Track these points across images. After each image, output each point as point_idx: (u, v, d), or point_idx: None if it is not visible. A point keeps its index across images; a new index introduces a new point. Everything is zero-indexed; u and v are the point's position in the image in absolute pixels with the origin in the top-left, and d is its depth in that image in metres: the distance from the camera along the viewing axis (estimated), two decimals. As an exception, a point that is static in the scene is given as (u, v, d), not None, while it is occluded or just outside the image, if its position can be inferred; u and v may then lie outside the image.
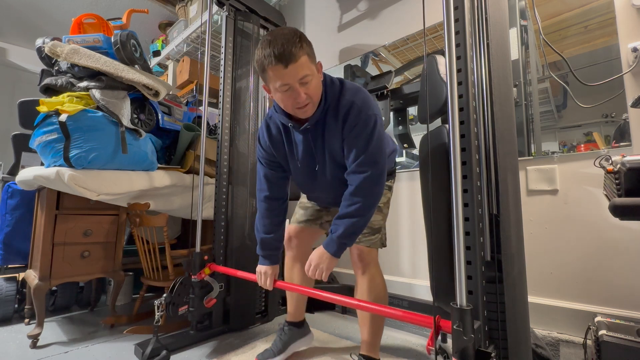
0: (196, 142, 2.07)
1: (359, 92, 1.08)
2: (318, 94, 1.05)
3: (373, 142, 1.04)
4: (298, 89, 0.98)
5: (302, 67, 0.96)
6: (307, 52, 0.98)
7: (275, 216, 1.27)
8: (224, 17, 1.90)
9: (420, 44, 2.04)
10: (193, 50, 3.17)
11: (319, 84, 1.05)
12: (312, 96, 1.02)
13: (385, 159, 1.07)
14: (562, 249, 1.44)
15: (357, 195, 1.04)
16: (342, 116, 1.05)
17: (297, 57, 0.95)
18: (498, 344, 0.86)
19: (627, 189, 0.81)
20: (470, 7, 0.94)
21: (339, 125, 1.07)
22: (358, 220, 1.04)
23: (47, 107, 1.58)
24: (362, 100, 1.05)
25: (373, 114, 1.05)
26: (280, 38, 0.95)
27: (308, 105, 1.03)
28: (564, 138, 1.50)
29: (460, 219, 0.76)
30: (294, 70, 0.95)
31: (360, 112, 1.04)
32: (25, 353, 1.49)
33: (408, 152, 2.09)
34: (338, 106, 1.06)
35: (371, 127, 1.03)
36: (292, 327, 1.42)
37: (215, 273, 1.54)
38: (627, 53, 1.33)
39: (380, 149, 1.05)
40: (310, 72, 0.99)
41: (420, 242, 1.89)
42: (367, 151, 1.03)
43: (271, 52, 0.94)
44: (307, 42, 0.99)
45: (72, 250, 1.69)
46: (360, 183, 1.04)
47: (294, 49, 0.94)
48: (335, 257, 1.06)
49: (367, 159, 1.04)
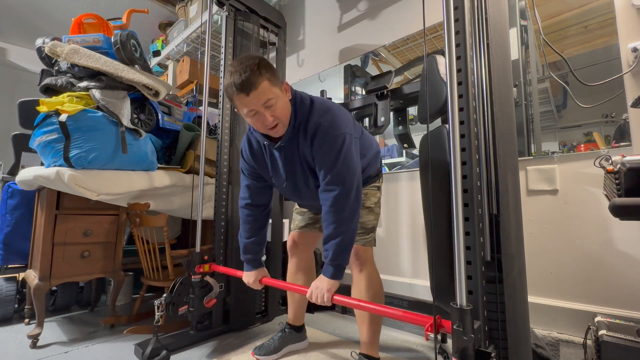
0: (196, 142, 2.07)
1: (326, 113, 1.10)
2: (286, 114, 1.09)
3: (340, 161, 1.06)
4: (264, 112, 1.04)
5: (264, 93, 1.02)
6: (268, 77, 1.02)
7: (256, 221, 1.32)
8: (224, 17, 1.90)
9: (420, 44, 2.04)
10: (193, 50, 3.17)
11: (286, 104, 1.09)
12: (280, 117, 1.07)
13: (353, 176, 1.08)
14: (562, 249, 1.44)
15: (331, 214, 1.06)
16: (310, 136, 1.09)
17: (257, 84, 1.00)
18: (498, 344, 0.86)
19: (627, 189, 0.81)
20: (470, 7, 0.94)
21: (307, 144, 1.10)
22: (342, 239, 1.05)
23: (47, 107, 1.58)
24: (328, 122, 1.08)
25: (341, 134, 1.07)
26: (241, 68, 1.01)
27: (277, 126, 1.08)
28: (564, 138, 1.50)
29: (460, 219, 0.76)
30: (256, 96, 1.01)
31: (326, 134, 1.07)
32: (25, 353, 1.49)
33: (408, 152, 2.08)
34: (307, 126, 1.10)
35: (338, 147, 1.06)
36: (292, 330, 1.49)
37: (215, 273, 1.54)
38: (627, 53, 1.33)
39: (348, 167, 1.07)
40: (274, 96, 1.04)
41: (420, 242, 1.89)
42: (334, 170, 1.06)
43: (233, 82, 1.01)
44: (266, 68, 1.03)
45: (72, 250, 1.69)
46: (331, 203, 1.06)
47: (253, 77, 1.00)
48: (333, 280, 1.07)
49: (335, 178, 1.06)
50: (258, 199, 1.32)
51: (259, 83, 1.00)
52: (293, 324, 1.50)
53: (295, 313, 1.50)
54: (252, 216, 1.32)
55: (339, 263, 1.06)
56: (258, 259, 1.33)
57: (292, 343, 1.48)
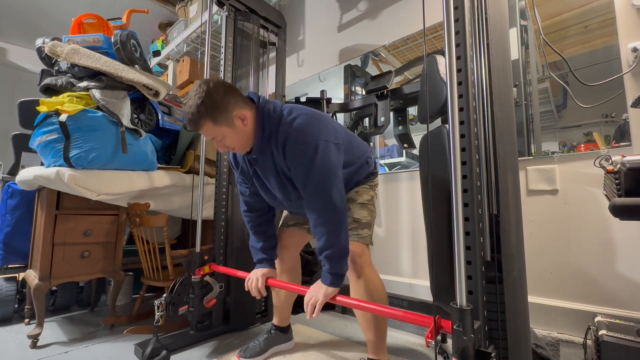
0: (196, 142, 2.07)
1: (294, 121, 1.08)
2: (240, 143, 1.12)
3: (315, 170, 1.04)
4: (216, 142, 1.11)
5: (207, 132, 1.07)
6: (211, 117, 1.04)
7: (258, 226, 1.33)
8: (224, 17, 1.90)
9: (420, 44, 2.04)
10: (193, 50, 3.17)
11: (239, 135, 1.10)
12: (233, 146, 1.12)
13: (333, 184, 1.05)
14: (562, 248, 1.44)
15: (319, 228, 1.05)
16: (281, 147, 1.09)
17: (200, 125, 1.06)
18: (498, 344, 0.86)
19: (627, 189, 0.81)
20: (470, 7, 0.94)
21: (280, 154, 1.10)
22: (335, 249, 1.04)
23: (47, 107, 1.58)
24: (297, 131, 1.06)
25: (313, 141, 1.04)
26: (188, 105, 1.05)
27: (236, 149, 1.14)
28: (564, 138, 1.50)
29: (460, 219, 0.76)
30: (203, 133, 1.09)
31: (296, 143, 1.06)
32: (25, 353, 1.49)
33: (408, 152, 2.09)
34: (277, 136, 1.10)
35: (310, 156, 1.03)
36: (278, 331, 1.48)
37: (215, 273, 1.54)
38: (627, 53, 1.33)
39: (325, 176, 1.04)
40: (219, 134, 1.08)
41: (420, 242, 1.89)
42: (309, 180, 1.05)
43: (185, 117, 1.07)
44: (208, 107, 1.03)
45: (72, 250, 1.69)
46: (315, 217, 1.06)
47: (196, 118, 1.04)
48: (332, 288, 1.05)
49: (312, 188, 1.05)
50: (254, 205, 1.33)
51: (202, 124, 1.05)
52: (279, 325, 1.48)
53: (281, 314, 1.48)
54: (252, 222, 1.33)
55: (337, 272, 1.05)
56: (267, 259, 1.31)
57: (278, 344, 1.46)
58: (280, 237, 1.43)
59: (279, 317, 1.49)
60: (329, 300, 1.07)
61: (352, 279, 1.22)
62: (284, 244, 1.43)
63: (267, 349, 1.43)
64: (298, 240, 1.45)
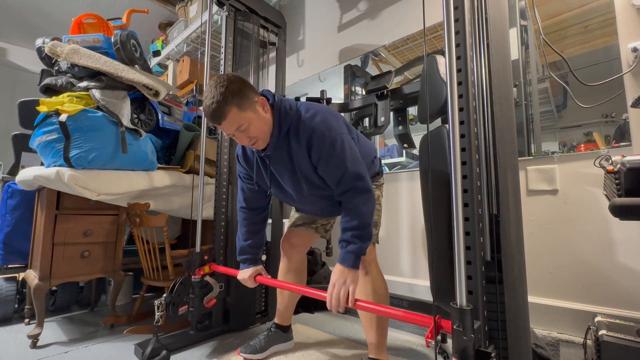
0: (196, 142, 2.07)
1: (315, 116, 1.10)
2: (263, 130, 1.10)
3: (347, 160, 1.06)
4: (238, 136, 1.07)
5: (233, 121, 1.03)
6: (236, 104, 1.03)
7: (252, 225, 1.33)
8: (224, 17, 1.90)
9: (420, 44, 2.04)
10: (193, 50, 3.17)
11: (263, 122, 1.09)
12: (257, 135, 1.09)
13: (363, 167, 1.08)
14: (562, 249, 1.44)
15: (352, 210, 1.05)
16: (305, 142, 1.08)
17: (224, 114, 1.02)
18: (498, 344, 0.86)
19: (627, 189, 0.81)
20: (470, 7, 0.94)
21: (303, 149, 1.09)
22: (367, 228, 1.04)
23: (47, 107, 1.58)
24: (323, 126, 1.07)
25: (338, 134, 1.07)
26: (210, 99, 1.02)
27: (257, 142, 1.10)
28: (564, 138, 1.50)
29: (460, 219, 0.76)
30: (227, 124, 1.04)
31: (323, 138, 1.06)
32: (25, 353, 1.49)
33: (408, 152, 2.09)
34: (298, 131, 1.10)
35: (339, 148, 1.06)
36: (279, 330, 1.49)
37: (215, 273, 1.54)
38: (627, 53, 1.33)
39: (355, 162, 1.07)
40: (245, 121, 1.05)
41: (420, 242, 1.89)
42: (345, 171, 1.06)
43: (205, 113, 1.05)
44: (234, 94, 1.02)
45: (72, 250, 1.69)
46: (350, 200, 1.06)
47: (220, 108, 1.01)
48: (354, 270, 1.03)
49: (348, 178, 1.06)
50: (253, 203, 1.33)
51: (227, 113, 1.02)
52: (280, 323, 1.49)
53: (283, 313, 1.49)
54: (247, 219, 1.33)
55: (360, 252, 1.03)
56: (255, 259, 1.33)
57: (278, 343, 1.47)
58: (289, 237, 1.45)
59: (281, 316, 1.49)
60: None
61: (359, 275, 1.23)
62: (292, 243, 1.45)
63: (268, 347, 1.43)
64: (306, 239, 1.47)
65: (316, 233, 1.45)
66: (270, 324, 1.51)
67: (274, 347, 1.45)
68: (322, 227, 1.46)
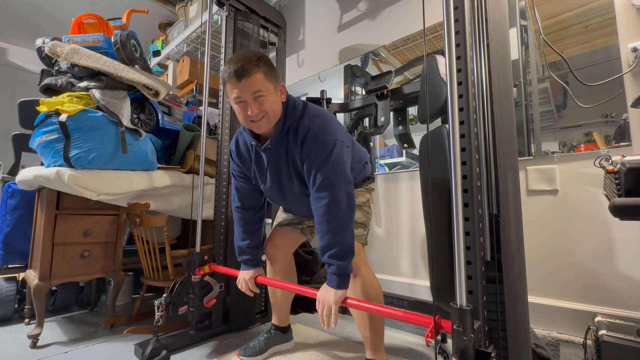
0: (196, 142, 2.07)
1: (316, 118, 1.11)
2: (274, 111, 1.09)
3: (329, 167, 1.05)
4: (251, 103, 1.05)
5: (255, 83, 1.04)
6: (264, 71, 1.05)
7: (248, 224, 1.32)
8: (224, 17, 1.90)
9: (420, 44, 2.04)
10: (193, 50, 3.17)
11: (277, 103, 1.10)
12: (267, 111, 1.07)
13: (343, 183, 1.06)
14: (562, 249, 1.44)
15: (324, 224, 1.05)
16: (300, 140, 1.09)
17: (250, 73, 1.03)
18: (498, 344, 0.86)
19: (627, 189, 0.81)
20: (470, 7, 0.94)
21: (298, 147, 1.10)
22: (340, 248, 1.03)
23: (47, 107, 1.58)
24: (319, 126, 1.08)
25: (332, 139, 1.07)
26: (241, 57, 1.04)
27: (262, 120, 1.08)
28: (564, 138, 1.50)
29: (460, 219, 0.76)
30: (247, 84, 1.03)
31: (316, 138, 1.07)
32: (25, 353, 1.49)
33: (408, 152, 2.09)
34: (297, 130, 1.10)
35: (327, 153, 1.06)
36: (278, 331, 1.48)
37: (215, 273, 1.54)
38: (627, 53, 1.33)
39: (337, 173, 1.06)
40: (264, 89, 1.05)
41: (420, 242, 1.89)
42: (322, 176, 1.05)
43: (229, 67, 1.04)
44: (266, 63, 1.06)
45: (72, 250, 1.69)
46: (322, 212, 1.05)
47: (249, 66, 1.03)
48: (340, 290, 1.03)
49: (323, 183, 1.05)
50: (248, 202, 1.32)
51: (253, 73, 1.03)
52: (278, 324, 1.49)
53: (279, 314, 1.49)
54: (243, 219, 1.32)
55: (342, 272, 1.04)
56: (255, 260, 1.32)
57: (278, 344, 1.47)
58: (273, 238, 1.43)
59: (278, 317, 1.49)
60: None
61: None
62: (276, 244, 1.41)
63: (267, 348, 1.43)
64: (291, 240, 1.44)
65: (302, 234, 1.43)
66: (270, 325, 1.50)
67: (273, 348, 1.45)
68: (309, 228, 1.44)
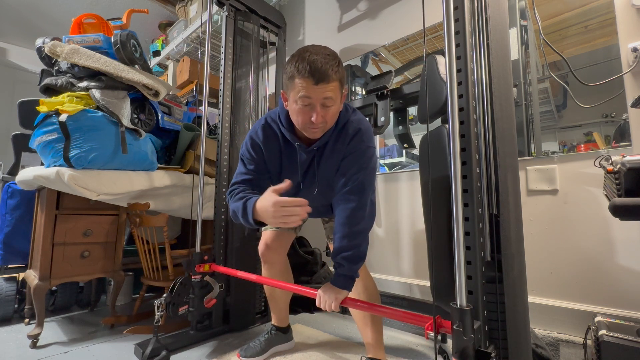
0: (196, 142, 2.07)
1: (362, 122, 1.13)
2: (333, 121, 1.07)
3: (367, 172, 1.07)
4: (318, 108, 0.98)
5: (330, 90, 0.97)
6: (340, 77, 1.00)
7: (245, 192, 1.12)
8: (224, 17, 1.90)
9: (420, 44, 2.04)
10: (193, 50, 3.17)
11: (337, 113, 1.07)
12: (328, 121, 1.03)
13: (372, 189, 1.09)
14: (562, 249, 1.44)
15: (346, 226, 1.04)
16: (349, 138, 1.09)
17: (330, 78, 0.96)
18: (498, 344, 0.86)
19: (627, 189, 0.81)
20: (470, 7, 0.94)
21: (344, 145, 1.10)
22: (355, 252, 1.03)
23: (47, 107, 1.58)
24: (366, 129, 1.11)
25: (372, 147, 1.11)
26: (322, 56, 0.96)
27: (319, 128, 1.03)
28: (564, 138, 1.50)
29: (460, 219, 0.76)
30: (322, 89, 0.96)
31: (362, 141, 1.09)
32: (25, 353, 1.49)
33: (408, 152, 2.08)
34: (344, 130, 1.10)
35: (369, 157, 1.08)
36: (278, 332, 1.48)
37: (215, 273, 1.54)
38: (627, 53, 1.33)
39: (371, 181, 1.09)
40: (335, 97, 1.00)
41: (420, 242, 1.89)
42: (359, 179, 1.05)
43: (308, 64, 0.95)
44: (343, 68, 1.02)
45: (72, 250, 1.69)
46: (348, 214, 1.04)
47: (331, 71, 0.96)
48: (344, 290, 1.03)
49: (358, 187, 1.05)
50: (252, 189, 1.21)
51: (333, 80, 0.97)
52: (278, 325, 1.48)
53: (279, 315, 1.48)
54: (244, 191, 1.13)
55: (352, 275, 1.04)
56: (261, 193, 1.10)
57: (278, 344, 1.47)
58: (266, 240, 1.37)
59: (277, 317, 1.49)
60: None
61: None
62: (270, 246, 1.37)
63: (268, 348, 1.43)
64: (285, 241, 1.41)
65: (294, 233, 1.43)
66: (270, 326, 1.50)
67: (273, 349, 1.45)
68: (299, 226, 1.44)
